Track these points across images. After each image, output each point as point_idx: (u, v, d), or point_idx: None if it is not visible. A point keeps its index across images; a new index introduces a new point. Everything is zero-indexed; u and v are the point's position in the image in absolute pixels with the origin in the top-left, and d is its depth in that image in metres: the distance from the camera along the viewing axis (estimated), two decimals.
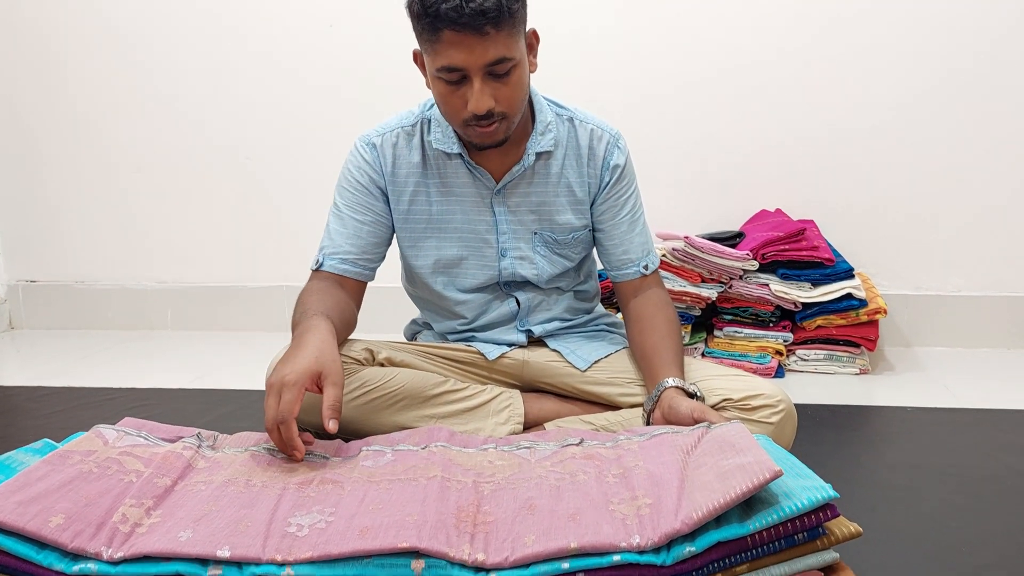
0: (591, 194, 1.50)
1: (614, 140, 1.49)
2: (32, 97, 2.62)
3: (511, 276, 1.52)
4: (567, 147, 1.47)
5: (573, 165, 1.48)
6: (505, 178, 1.45)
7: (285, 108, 2.52)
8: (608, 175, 1.48)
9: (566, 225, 1.50)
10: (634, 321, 1.49)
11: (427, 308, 1.62)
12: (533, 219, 1.49)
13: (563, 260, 1.53)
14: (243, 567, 0.87)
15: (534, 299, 1.55)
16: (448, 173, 1.46)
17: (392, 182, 1.47)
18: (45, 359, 2.37)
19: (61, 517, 0.90)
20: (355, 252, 1.46)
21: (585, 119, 1.49)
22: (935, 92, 2.27)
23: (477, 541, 0.91)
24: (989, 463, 1.49)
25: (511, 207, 1.48)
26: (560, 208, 1.48)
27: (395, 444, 1.17)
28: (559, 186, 1.47)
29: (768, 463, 0.91)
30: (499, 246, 1.49)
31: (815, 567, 0.90)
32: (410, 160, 1.46)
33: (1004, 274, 2.31)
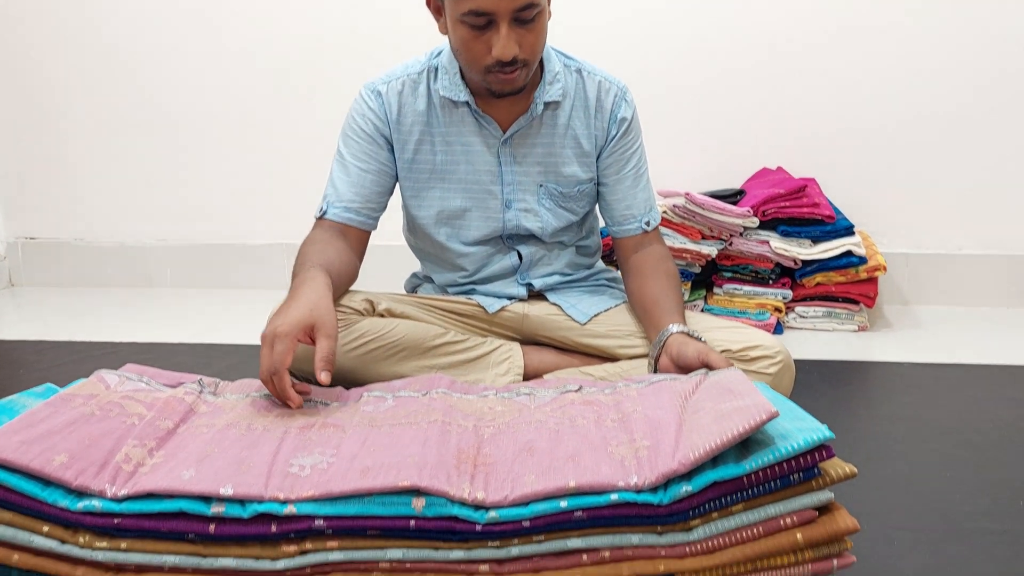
0: (597, 147, 1.50)
1: (621, 93, 1.49)
2: (29, 53, 2.59)
3: (515, 229, 1.52)
4: (575, 98, 1.47)
5: (580, 117, 1.47)
6: (512, 127, 1.45)
7: (284, 63, 2.50)
8: (615, 128, 1.48)
9: (572, 178, 1.49)
10: (634, 275, 1.50)
11: (428, 260, 1.62)
12: (539, 171, 1.48)
13: (567, 214, 1.53)
14: (246, 504, 0.88)
15: (536, 253, 1.55)
16: (454, 122, 1.45)
17: (397, 130, 1.46)
18: (46, 315, 2.38)
19: (64, 456, 0.90)
20: (359, 201, 1.46)
21: (593, 71, 1.49)
22: (937, 50, 2.25)
23: (477, 481, 0.92)
24: (984, 416, 1.51)
25: (517, 158, 1.47)
26: (566, 160, 1.48)
27: (396, 391, 1.17)
28: (566, 137, 1.47)
29: (765, 404, 0.91)
30: (504, 197, 1.49)
31: (810, 506, 0.91)
32: (415, 108, 1.45)
33: (1005, 233, 2.32)
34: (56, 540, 0.88)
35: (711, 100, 2.36)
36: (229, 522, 0.88)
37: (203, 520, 0.88)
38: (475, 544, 0.88)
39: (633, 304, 1.50)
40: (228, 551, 0.88)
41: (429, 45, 1.49)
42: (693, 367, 1.22)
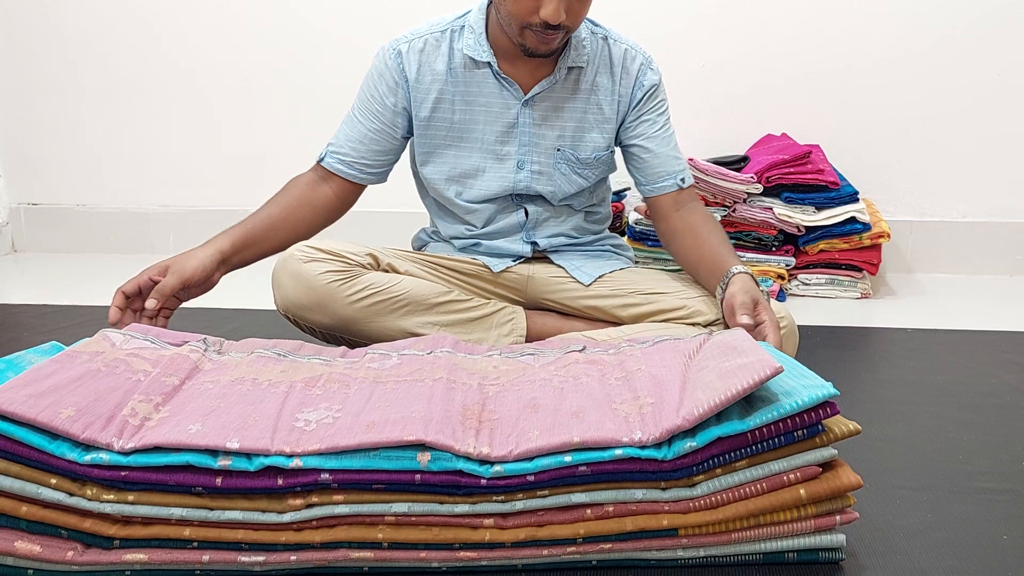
0: (620, 112, 1.51)
1: (647, 62, 1.52)
2: (32, 19, 2.57)
3: (525, 190, 1.52)
4: (599, 63, 1.49)
5: (605, 82, 1.49)
6: (535, 89, 1.46)
7: (287, 29, 2.48)
8: (640, 92, 1.50)
9: (590, 144, 1.51)
10: (682, 233, 1.51)
11: (437, 211, 1.63)
12: (558, 135, 1.49)
13: (580, 179, 1.54)
14: (252, 458, 0.88)
15: (543, 213, 1.56)
16: (474, 82, 1.47)
17: (415, 88, 1.48)
18: (48, 280, 2.38)
19: (71, 410, 0.91)
20: (353, 155, 1.51)
21: (619, 39, 1.51)
22: (942, 18, 2.23)
23: (482, 436, 0.92)
24: (987, 380, 1.51)
25: (537, 120, 1.48)
26: (587, 125, 1.49)
27: (400, 349, 1.18)
28: (588, 103, 1.48)
29: (769, 360, 0.91)
30: (517, 158, 1.50)
31: (813, 463, 0.91)
32: (435, 68, 1.47)
33: (1009, 201, 2.31)
34: (64, 493, 0.88)
35: (715, 66, 2.35)
36: (236, 475, 0.88)
37: (210, 473, 0.88)
38: (480, 498, 0.89)
39: (687, 257, 1.52)
40: (235, 504, 0.89)
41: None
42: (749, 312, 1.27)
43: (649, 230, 2.15)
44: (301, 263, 1.40)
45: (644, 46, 1.53)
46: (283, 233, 1.49)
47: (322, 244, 1.44)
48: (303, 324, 1.43)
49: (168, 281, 1.34)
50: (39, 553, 0.88)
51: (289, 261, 1.41)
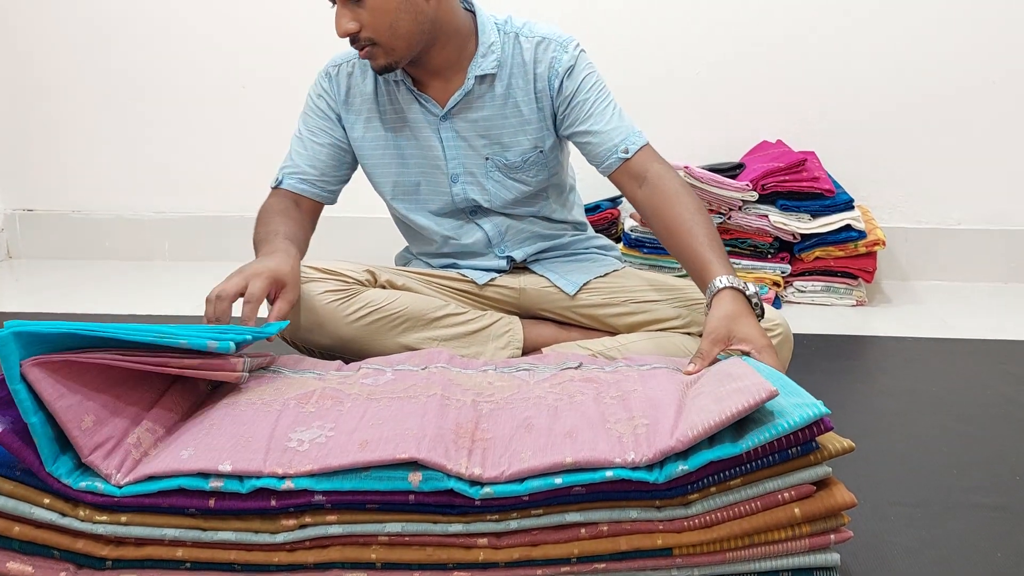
0: (546, 108, 1.45)
1: (561, 45, 1.42)
2: (30, 24, 2.57)
3: (465, 202, 1.51)
4: (512, 66, 1.44)
5: (520, 83, 1.44)
6: (449, 103, 1.44)
7: (284, 37, 2.48)
8: (557, 80, 1.42)
9: (516, 147, 1.48)
10: (651, 218, 1.38)
11: (404, 231, 1.64)
12: (483, 144, 1.47)
13: (518, 184, 1.51)
14: (244, 480, 0.88)
15: (500, 224, 1.55)
16: (399, 100, 1.47)
17: (346, 110, 1.49)
18: (44, 287, 2.37)
19: (91, 419, 0.90)
20: (314, 173, 1.50)
21: (532, 33, 1.44)
22: (937, 25, 2.23)
23: (475, 456, 0.92)
24: (982, 391, 1.51)
25: (460, 132, 1.47)
26: (509, 130, 1.47)
27: (395, 364, 1.18)
28: (506, 107, 1.45)
29: (764, 384, 0.91)
30: (449, 172, 1.49)
31: (807, 481, 0.91)
32: (363, 89, 1.48)
33: (1004, 208, 2.31)
34: (56, 513, 0.89)
35: (711, 73, 2.35)
36: (229, 497, 0.88)
37: (202, 495, 0.88)
38: (473, 518, 0.89)
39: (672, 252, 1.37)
40: (228, 525, 0.89)
41: None
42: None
43: (644, 237, 2.16)
44: (301, 285, 1.39)
45: (562, 29, 1.44)
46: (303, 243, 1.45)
47: (320, 264, 1.44)
48: (302, 346, 1.42)
49: (284, 308, 1.25)
50: (31, 574, 0.89)
51: None
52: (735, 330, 1.15)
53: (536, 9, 2.27)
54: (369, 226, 2.15)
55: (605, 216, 2.30)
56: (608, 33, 2.29)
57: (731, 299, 1.18)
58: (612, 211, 2.32)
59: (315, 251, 1.51)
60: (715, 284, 1.21)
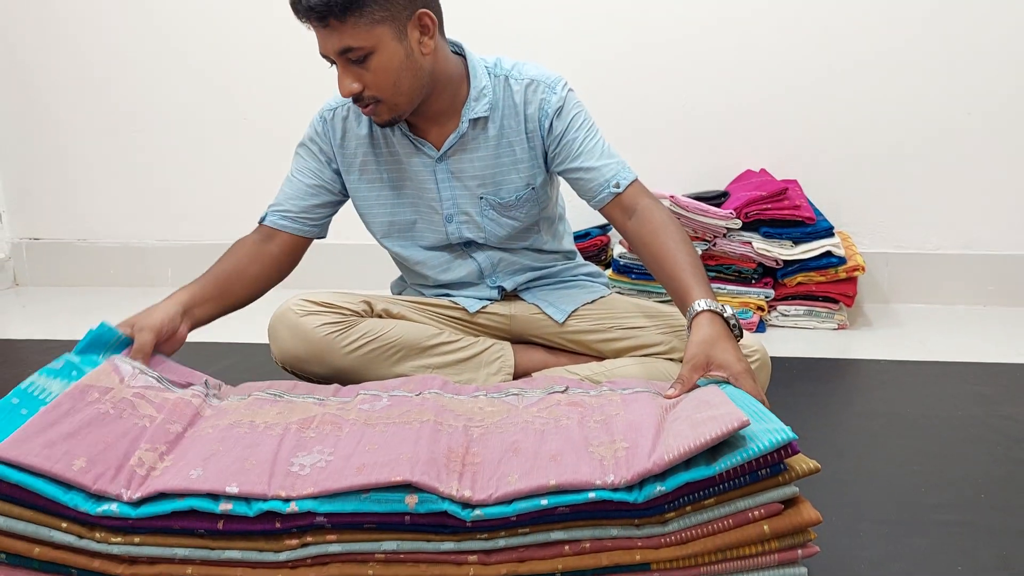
0: (537, 147, 1.50)
1: (549, 86, 1.47)
2: (35, 57, 2.64)
3: (459, 239, 1.57)
4: (504, 108, 1.49)
5: (511, 124, 1.49)
6: (444, 146, 1.49)
7: (286, 69, 2.55)
8: (547, 120, 1.47)
9: (510, 186, 1.52)
10: (640, 249, 1.44)
11: (397, 264, 1.69)
12: (477, 184, 1.52)
13: (511, 221, 1.56)
14: (251, 503, 0.94)
15: (493, 256, 1.60)
16: (394, 143, 1.51)
17: (341, 154, 1.54)
18: (50, 314, 2.43)
19: (83, 460, 0.97)
20: (295, 211, 1.55)
21: (520, 75, 1.48)
22: (916, 56, 2.32)
23: (465, 479, 0.98)
24: (954, 412, 1.58)
25: (455, 173, 1.52)
26: (503, 169, 1.51)
27: (390, 390, 1.24)
28: (499, 147, 1.50)
29: (737, 414, 0.98)
30: (444, 212, 1.54)
31: (776, 500, 0.97)
32: (359, 133, 1.53)
33: (981, 233, 2.39)
34: (74, 536, 0.94)
35: (696, 104, 2.42)
36: (236, 519, 0.94)
37: (212, 517, 0.94)
38: (464, 536, 0.95)
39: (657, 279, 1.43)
40: (234, 544, 0.95)
41: None
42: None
43: (633, 263, 2.23)
44: (298, 317, 1.46)
45: (552, 69, 1.50)
46: (238, 289, 1.50)
47: (317, 297, 1.50)
48: (300, 375, 1.49)
49: (142, 338, 1.31)
50: None
51: (287, 315, 1.47)
52: (713, 356, 1.19)
53: (525, 42, 2.34)
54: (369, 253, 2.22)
55: (595, 243, 2.38)
56: (596, 66, 2.37)
57: (709, 322, 1.23)
58: (601, 238, 2.39)
59: (318, 278, 1.58)
60: (694, 307, 1.26)
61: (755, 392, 1.15)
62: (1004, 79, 2.29)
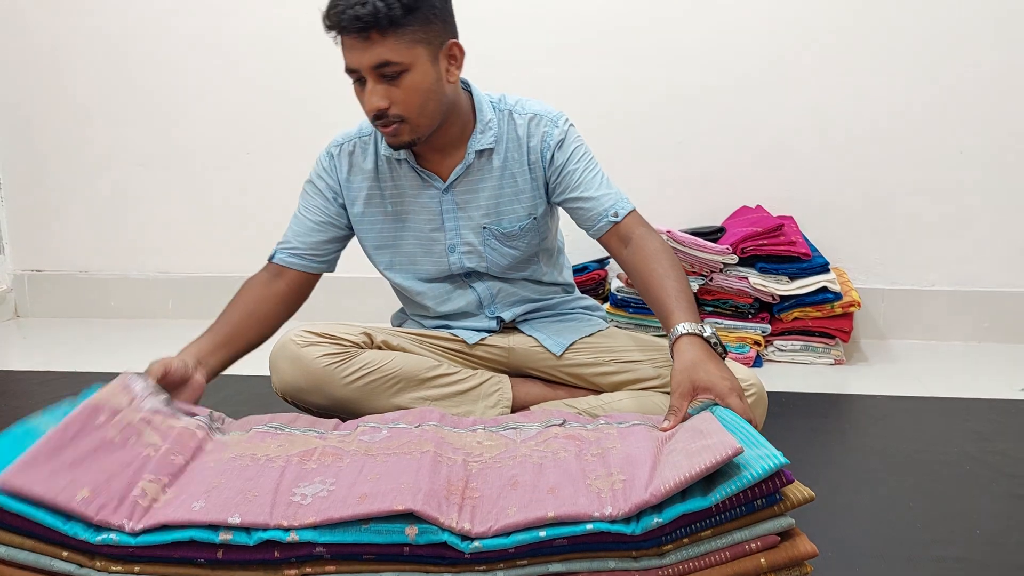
0: (539, 179, 1.55)
1: (551, 121, 1.53)
2: (36, 92, 2.68)
3: (461, 269, 1.60)
4: (508, 140, 1.54)
5: (515, 156, 1.54)
6: (450, 177, 1.53)
7: (284, 104, 2.59)
8: (549, 152, 1.53)
9: (512, 216, 1.57)
10: (633, 275, 1.49)
11: (398, 296, 1.71)
12: (481, 214, 1.56)
13: (512, 251, 1.60)
14: (251, 532, 0.95)
15: (493, 287, 1.63)
16: (399, 177, 1.55)
17: (347, 188, 1.58)
18: (50, 346, 2.44)
19: (87, 491, 0.98)
20: (303, 248, 1.58)
21: (524, 110, 1.54)
22: (911, 95, 2.36)
23: (464, 512, 0.99)
24: (948, 449, 1.59)
25: (460, 204, 1.56)
26: (506, 200, 1.56)
27: (390, 422, 1.25)
28: (503, 179, 1.55)
29: (730, 441, 0.99)
30: (448, 242, 1.58)
31: (772, 531, 0.98)
32: (364, 168, 1.57)
33: (976, 270, 2.41)
34: (75, 564, 0.95)
35: (694, 141, 2.46)
36: (236, 548, 0.95)
37: (212, 547, 0.95)
38: (463, 568, 0.95)
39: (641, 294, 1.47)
40: (233, 574, 0.95)
41: None
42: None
43: (630, 297, 2.25)
44: (299, 347, 1.47)
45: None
46: (251, 333, 1.53)
47: (317, 328, 1.52)
48: (300, 405, 1.50)
49: (151, 369, 1.34)
50: None
51: (287, 346, 1.49)
52: (697, 380, 1.21)
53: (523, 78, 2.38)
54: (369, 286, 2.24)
55: (592, 277, 2.40)
56: (592, 102, 2.41)
57: (689, 345, 1.25)
58: (599, 272, 2.42)
59: (320, 311, 1.59)
60: (674, 332, 1.29)
61: (743, 411, 1.16)
62: (997, 118, 2.33)
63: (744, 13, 2.38)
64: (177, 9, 2.58)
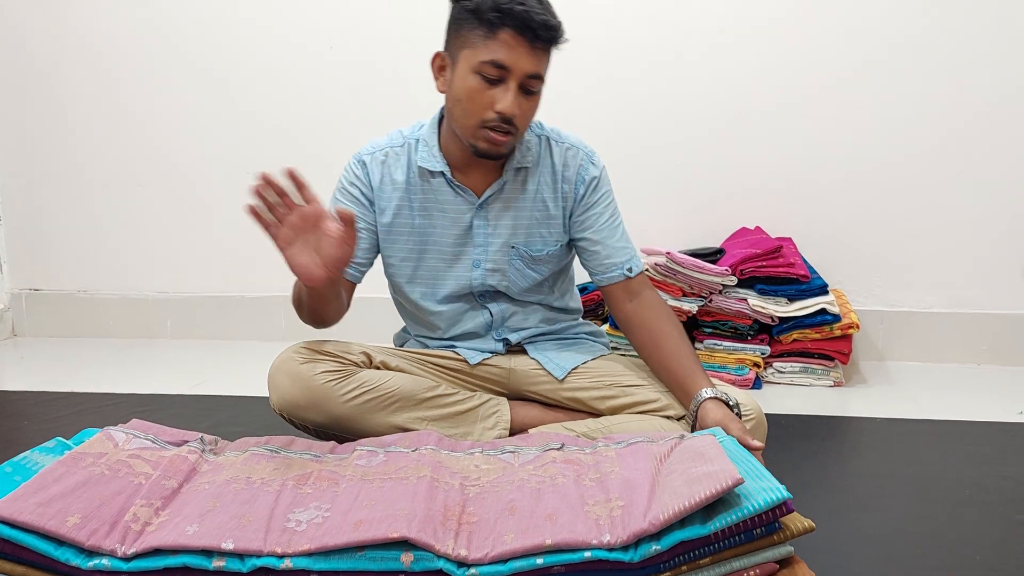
0: (566, 210, 1.59)
1: (588, 157, 1.59)
2: (35, 110, 2.69)
3: (482, 287, 1.60)
4: (542, 165, 1.57)
5: (548, 182, 1.57)
6: (486, 192, 1.55)
7: (284, 124, 2.60)
8: (583, 188, 1.57)
9: (540, 241, 1.59)
10: (637, 327, 1.56)
11: (407, 316, 1.71)
12: (510, 233, 1.58)
13: (534, 274, 1.61)
14: (245, 559, 0.95)
15: (507, 310, 1.64)
16: (431, 190, 1.56)
17: (378, 197, 1.58)
18: (48, 366, 2.44)
19: (78, 517, 0.97)
20: None
21: (560, 139, 1.59)
22: (906, 123, 2.37)
23: (461, 538, 0.99)
24: (948, 473, 1.58)
25: (490, 220, 1.57)
26: (535, 223, 1.58)
27: (387, 446, 1.25)
28: (535, 202, 1.57)
29: (732, 471, 0.99)
30: (473, 257, 1.58)
31: (772, 560, 0.98)
32: (395, 178, 1.57)
33: (974, 292, 2.41)
34: None
35: (692, 163, 2.47)
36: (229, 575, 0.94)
37: (205, 574, 0.94)
38: None
39: (648, 359, 1.56)
40: None
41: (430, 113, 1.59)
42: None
43: None
44: (298, 364, 1.47)
45: (587, 141, 1.60)
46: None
47: (318, 345, 1.52)
48: (297, 422, 1.50)
49: None
50: None
51: (287, 362, 1.48)
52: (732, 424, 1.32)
53: None
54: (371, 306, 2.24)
55: (592, 297, 2.39)
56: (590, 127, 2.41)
57: (717, 407, 1.37)
58: (599, 292, 2.41)
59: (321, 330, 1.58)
60: (701, 395, 1.39)
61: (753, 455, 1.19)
62: (992, 142, 2.34)
63: (744, 41, 2.39)
64: (174, 31, 2.59)
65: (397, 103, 2.48)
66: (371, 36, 2.51)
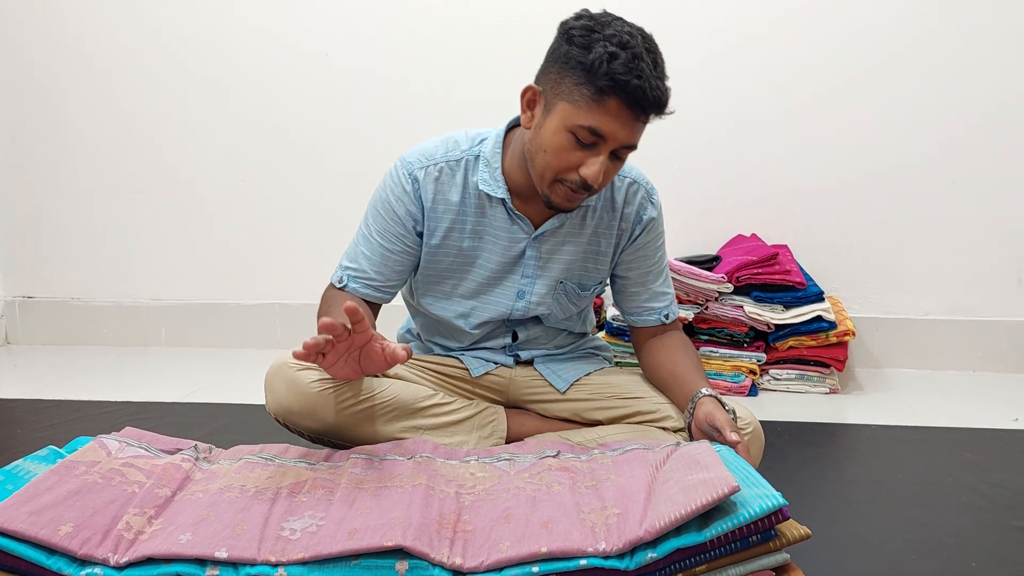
0: (617, 247, 1.54)
1: (648, 196, 1.54)
2: (29, 116, 2.68)
3: (523, 315, 1.56)
4: (603, 201, 1.51)
5: (606, 219, 1.52)
6: (544, 226, 1.48)
7: (280, 131, 2.60)
8: (640, 228, 1.53)
9: (589, 277, 1.56)
10: (654, 352, 1.56)
11: (423, 323, 1.67)
12: (562, 269, 1.53)
13: (573, 307, 1.60)
14: (239, 567, 0.94)
15: (533, 333, 1.62)
16: (485, 215, 1.49)
17: (430, 216, 1.48)
18: (42, 373, 2.43)
19: (70, 526, 0.97)
20: (379, 280, 1.49)
21: (623, 172, 1.52)
22: (905, 125, 2.37)
23: (456, 546, 0.98)
24: (944, 479, 1.58)
25: (543, 254, 1.51)
26: (588, 259, 1.54)
27: (382, 454, 1.24)
28: (591, 240, 1.52)
29: (728, 479, 0.98)
30: (519, 288, 1.53)
31: (768, 567, 0.98)
32: (448, 198, 1.48)
33: (970, 299, 2.41)
34: None
35: (688, 171, 2.47)
36: None
37: None
38: None
39: (653, 372, 1.55)
40: None
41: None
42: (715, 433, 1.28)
43: (625, 326, 2.24)
44: (294, 371, 1.46)
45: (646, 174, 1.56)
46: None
47: None
48: (292, 428, 1.49)
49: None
50: None
51: (283, 368, 1.47)
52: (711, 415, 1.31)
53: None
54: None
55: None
56: None
57: (708, 401, 1.35)
58: (595, 299, 2.41)
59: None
60: (700, 392, 1.37)
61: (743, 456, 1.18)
62: (988, 150, 2.34)
63: (741, 50, 2.40)
64: (170, 38, 2.59)
65: (395, 108, 2.48)
66: (369, 40, 2.51)
